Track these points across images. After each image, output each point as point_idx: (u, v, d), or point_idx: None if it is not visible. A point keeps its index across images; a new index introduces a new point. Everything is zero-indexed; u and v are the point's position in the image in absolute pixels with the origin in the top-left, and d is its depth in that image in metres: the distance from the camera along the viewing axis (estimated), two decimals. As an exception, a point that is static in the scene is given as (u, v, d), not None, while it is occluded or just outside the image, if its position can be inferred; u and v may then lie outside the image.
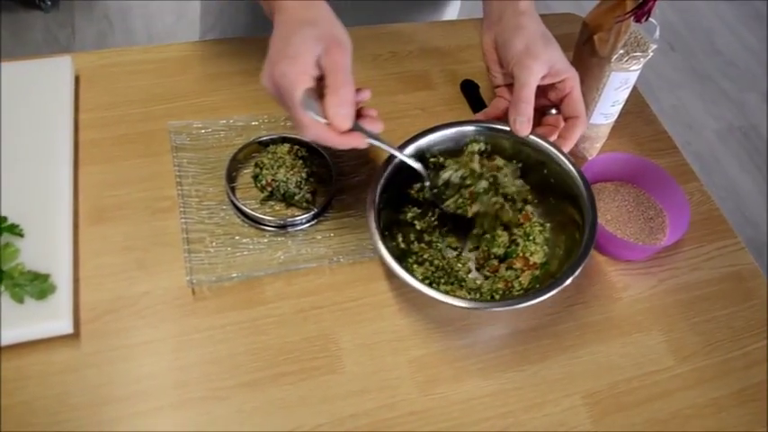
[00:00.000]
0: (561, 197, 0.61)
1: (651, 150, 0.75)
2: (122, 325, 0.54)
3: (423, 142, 0.62)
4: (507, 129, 0.61)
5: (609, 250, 0.65)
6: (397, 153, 0.56)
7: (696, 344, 0.60)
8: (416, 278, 0.53)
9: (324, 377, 0.54)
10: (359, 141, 0.50)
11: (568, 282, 0.54)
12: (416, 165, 0.57)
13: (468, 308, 0.57)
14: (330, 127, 0.49)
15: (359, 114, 0.52)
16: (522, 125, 0.59)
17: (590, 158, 0.72)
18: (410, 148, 0.61)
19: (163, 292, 0.56)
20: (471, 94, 0.76)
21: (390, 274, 0.60)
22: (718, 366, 0.59)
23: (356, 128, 0.50)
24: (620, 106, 0.68)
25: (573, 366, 0.57)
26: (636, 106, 0.78)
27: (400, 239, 0.60)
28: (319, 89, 0.50)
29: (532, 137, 0.61)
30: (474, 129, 0.63)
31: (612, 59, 0.61)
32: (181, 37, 0.87)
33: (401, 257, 0.58)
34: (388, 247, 0.54)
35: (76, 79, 0.70)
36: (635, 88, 0.71)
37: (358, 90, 0.52)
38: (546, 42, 0.59)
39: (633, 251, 0.64)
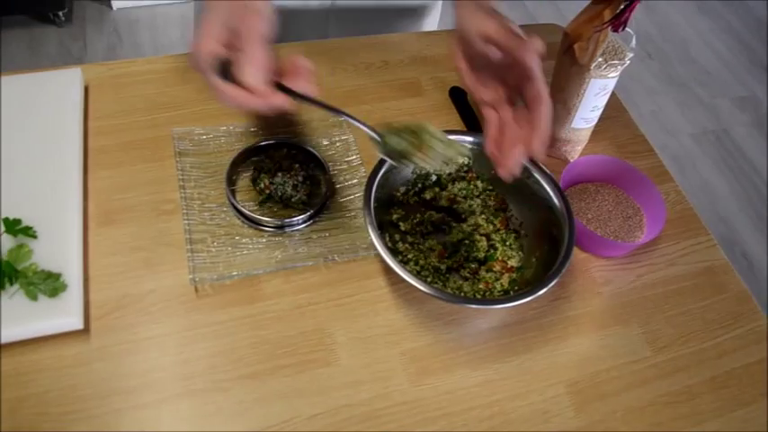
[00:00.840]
0: (537, 207, 0.62)
1: (629, 153, 0.75)
2: (129, 321, 0.54)
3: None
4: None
5: (590, 248, 0.64)
6: (333, 111, 0.51)
7: (671, 335, 0.60)
8: (412, 274, 0.53)
9: (320, 369, 0.53)
10: (281, 101, 0.47)
11: (554, 282, 0.54)
12: (364, 127, 0.52)
13: (473, 306, 0.58)
14: (247, 90, 0.47)
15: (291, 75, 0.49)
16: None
17: (572, 161, 0.71)
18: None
19: (167, 290, 0.56)
20: (459, 100, 0.75)
21: (384, 271, 0.60)
22: (692, 356, 0.59)
23: (283, 90, 0.47)
24: (600, 111, 0.67)
25: (556, 357, 0.57)
26: (615, 111, 0.78)
27: (387, 239, 0.60)
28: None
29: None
30: (456, 140, 0.63)
31: (592, 67, 0.61)
32: (185, 49, 0.87)
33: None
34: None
35: (86, 89, 0.69)
36: (613, 94, 0.71)
37: (294, 59, 0.49)
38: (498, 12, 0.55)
39: (613, 248, 0.64)
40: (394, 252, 0.60)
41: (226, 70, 0.47)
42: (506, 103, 0.56)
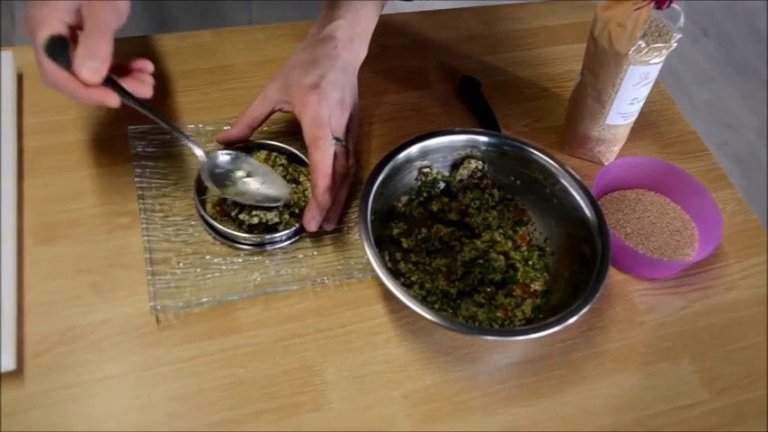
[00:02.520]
0: (565, 219, 0.64)
1: (677, 153, 0.77)
2: (75, 359, 0.55)
3: (414, 150, 0.65)
4: (510, 142, 0.65)
5: (630, 268, 0.67)
6: (161, 121, 0.60)
7: (733, 375, 0.62)
8: (417, 300, 0.55)
9: (307, 415, 0.55)
10: (106, 97, 0.53)
11: (586, 309, 0.56)
12: (198, 151, 0.62)
13: (489, 338, 0.60)
14: (76, 78, 0.52)
15: (128, 73, 0.57)
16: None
17: (606, 164, 0.74)
18: (402, 155, 0.64)
19: (122, 321, 0.58)
20: (471, 92, 0.78)
21: (383, 297, 0.62)
22: (760, 401, 0.60)
23: (112, 85, 0.54)
24: (641, 104, 0.69)
25: (590, 400, 0.59)
26: (659, 104, 0.81)
27: (387, 258, 0.62)
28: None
29: (534, 152, 0.65)
30: (467, 140, 0.66)
31: (630, 52, 0.63)
32: (142, 29, 0.89)
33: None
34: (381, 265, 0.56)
35: (19, 77, 0.71)
36: (658, 83, 0.73)
37: (136, 60, 0.58)
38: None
39: (657, 268, 0.66)
40: (395, 274, 0.62)
41: (58, 47, 0.52)
42: None
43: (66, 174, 0.66)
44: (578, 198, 0.64)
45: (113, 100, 0.53)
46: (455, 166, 0.68)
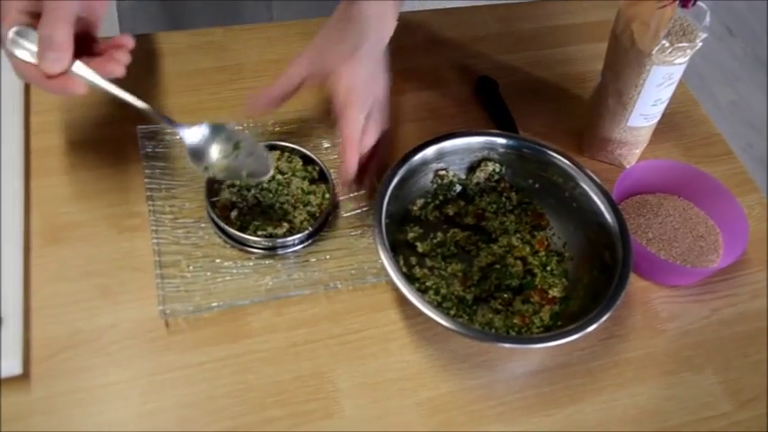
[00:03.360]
0: (584, 224, 0.65)
1: (701, 156, 0.77)
2: (82, 364, 0.56)
3: (429, 152, 0.65)
4: (529, 144, 0.66)
5: (651, 274, 0.67)
6: (128, 97, 0.59)
7: (758, 386, 0.62)
8: (432, 306, 0.56)
9: (319, 422, 0.56)
10: (70, 86, 0.53)
11: (606, 316, 0.57)
12: (171, 124, 0.61)
13: (506, 345, 0.60)
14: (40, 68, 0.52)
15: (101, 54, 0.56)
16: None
17: (628, 167, 0.74)
18: (418, 156, 0.65)
19: (131, 325, 0.58)
20: (488, 93, 0.78)
21: (397, 302, 0.62)
22: (787, 413, 0.61)
23: (77, 73, 0.54)
24: (664, 105, 0.70)
25: (610, 411, 0.59)
26: (683, 105, 0.81)
27: (401, 262, 0.63)
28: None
29: (553, 154, 0.66)
30: (485, 142, 0.67)
31: (654, 51, 0.63)
32: (154, 26, 0.91)
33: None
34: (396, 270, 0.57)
35: (26, 75, 0.73)
36: (681, 84, 0.73)
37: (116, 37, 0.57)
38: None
39: (680, 275, 0.67)
40: (410, 279, 0.62)
41: (22, 39, 0.53)
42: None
43: (73, 174, 0.67)
44: (598, 202, 0.64)
45: (78, 88, 0.53)
46: (472, 168, 0.69)
